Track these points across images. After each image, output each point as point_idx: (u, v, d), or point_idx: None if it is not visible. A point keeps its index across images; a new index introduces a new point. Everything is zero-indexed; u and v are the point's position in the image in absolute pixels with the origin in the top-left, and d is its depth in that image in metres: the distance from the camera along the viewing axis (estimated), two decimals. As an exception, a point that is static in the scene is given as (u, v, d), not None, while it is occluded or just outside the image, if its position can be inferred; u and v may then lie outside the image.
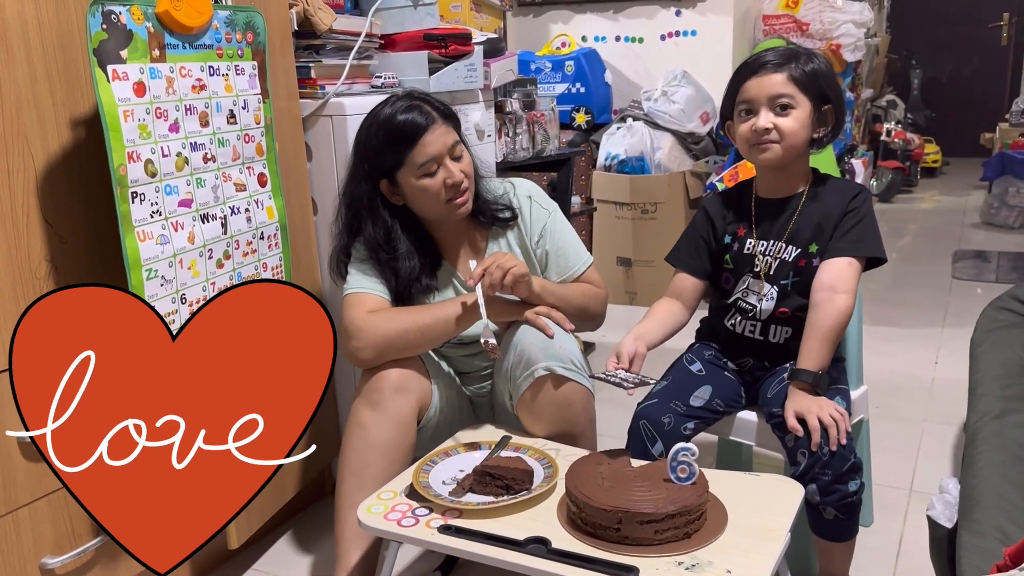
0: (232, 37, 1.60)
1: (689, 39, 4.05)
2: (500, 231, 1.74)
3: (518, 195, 1.75)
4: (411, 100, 1.62)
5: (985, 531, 1.30)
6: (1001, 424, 1.60)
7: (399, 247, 1.64)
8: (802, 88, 1.53)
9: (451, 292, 1.71)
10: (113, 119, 1.36)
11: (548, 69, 3.92)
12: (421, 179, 1.59)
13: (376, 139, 1.60)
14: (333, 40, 2.04)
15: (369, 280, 1.65)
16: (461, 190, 1.62)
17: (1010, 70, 7.32)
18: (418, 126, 1.57)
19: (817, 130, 1.58)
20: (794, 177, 1.61)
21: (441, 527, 1.30)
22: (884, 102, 6.33)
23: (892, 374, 2.80)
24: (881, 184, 5.85)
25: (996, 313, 1.99)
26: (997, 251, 4.43)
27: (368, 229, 1.65)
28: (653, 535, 1.21)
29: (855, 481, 1.43)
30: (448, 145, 1.60)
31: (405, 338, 1.59)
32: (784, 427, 1.48)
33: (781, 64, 1.53)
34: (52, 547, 1.46)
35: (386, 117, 1.59)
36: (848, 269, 1.54)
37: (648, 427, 1.55)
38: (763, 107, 1.53)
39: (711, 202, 1.71)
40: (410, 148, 1.57)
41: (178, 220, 1.50)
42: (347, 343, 1.59)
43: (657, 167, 3.68)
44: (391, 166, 1.60)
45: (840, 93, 1.60)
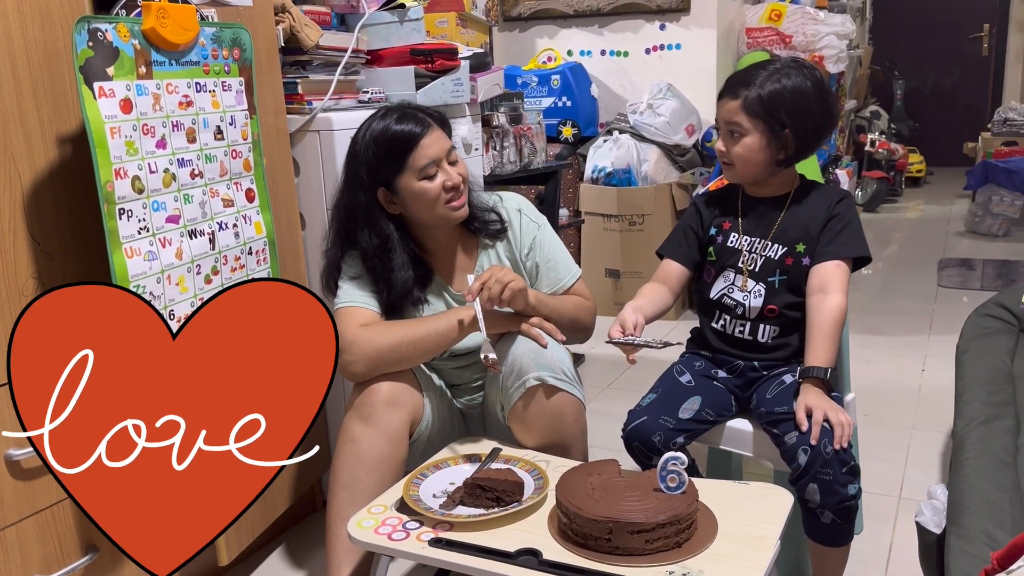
0: (219, 53, 1.61)
1: (674, 52, 4.08)
2: (489, 244, 1.75)
3: (507, 208, 1.77)
4: (404, 110, 1.64)
5: (973, 536, 1.31)
6: (988, 430, 1.61)
7: (395, 257, 1.64)
8: (753, 116, 1.56)
9: (442, 305, 1.71)
10: (100, 136, 1.36)
11: (534, 83, 3.94)
12: (420, 182, 1.60)
13: (375, 147, 1.61)
14: (320, 56, 2.05)
15: (360, 293, 1.65)
16: (459, 192, 1.64)
17: (991, 80, 7.40)
18: (416, 131, 1.60)
19: (779, 152, 1.59)
20: (779, 183, 1.66)
21: (432, 540, 1.29)
22: (868, 113, 6.39)
23: (879, 382, 2.81)
24: (866, 194, 5.89)
25: (981, 320, 2.01)
26: (982, 259, 4.47)
27: (364, 238, 1.65)
28: (644, 545, 1.21)
29: (854, 484, 1.44)
30: (446, 149, 1.63)
31: (398, 352, 1.59)
32: (782, 426, 1.49)
33: (739, 90, 1.58)
34: (40, 566, 1.45)
35: (384, 126, 1.61)
36: (837, 271, 1.58)
37: (641, 448, 1.57)
38: (722, 132, 1.62)
39: (701, 197, 1.77)
40: (410, 152, 1.59)
41: (166, 236, 1.50)
42: (339, 357, 1.58)
43: (644, 179, 3.70)
44: (391, 173, 1.61)
45: (804, 111, 1.57)
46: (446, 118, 1.69)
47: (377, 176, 1.62)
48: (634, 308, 1.62)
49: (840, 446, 1.42)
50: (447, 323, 1.61)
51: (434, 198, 1.61)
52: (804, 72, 1.58)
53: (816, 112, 1.58)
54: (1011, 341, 1.94)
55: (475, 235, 1.75)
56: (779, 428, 1.51)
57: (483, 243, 1.75)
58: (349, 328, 1.59)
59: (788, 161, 1.61)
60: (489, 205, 1.76)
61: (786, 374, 1.60)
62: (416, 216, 1.66)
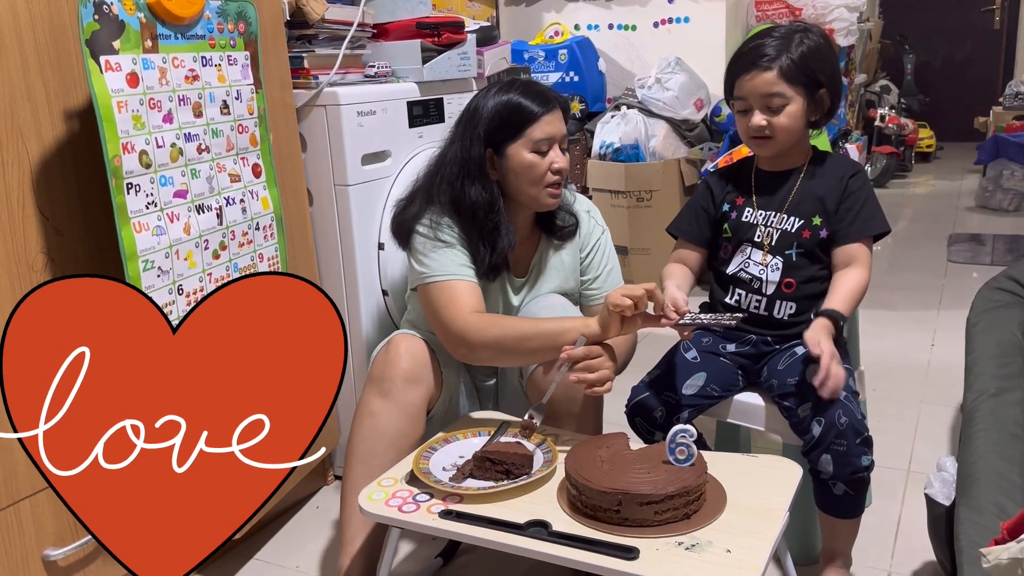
0: (224, 27, 1.60)
1: (682, 26, 4.04)
2: (560, 245, 1.76)
3: (578, 208, 1.79)
4: (533, 85, 1.65)
5: (983, 507, 1.31)
6: (998, 403, 1.61)
7: (501, 217, 1.63)
8: (793, 82, 1.54)
9: (497, 287, 1.71)
10: (107, 110, 1.36)
11: (541, 58, 3.92)
12: (532, 154, 1.60)
13: (499, 108, 1.61)
14: (325, 30, 2.03)
15: (455, 264, 1.60)
16: (560, 180, 1.64)
17: (1003, 53, 7.31)
18: (542, 104, 1.61)
19: (814, 114, 1.60)
20: (794, 154, 1.64)
21: (442, 512, 1.30)
22: (878, 87, 6.33)
23: (889, 356, 2.81)
24: (876, 169, 5.85)
25: (992, 293, 2.00)
26: (992, 234, 4.44)
27: (476, 191, 1.61)
28: (653, 516, 1.22)
29: (868, 456, 1.44)
30: (562, 133, 1.64)
31: (515, 350, 1.55)
32: (793, 399, 1.49)
33: (772, 59, 1.54)
34: (54, 539, 1.46)
35: (514, 91, 1.62)
36: (861, 251, 1.59)
37: (643, 423, 1.58)
38: (756, 107, 1.57)
39: (712, 176, 1.75)
40: (532, 122, 1.59)
41: (173, 211, 1.50)
42: (452, 341, 1.57)
43: (652, 155, 3.68)
44: (507, 136, 1.60)
45: (834, 67, 1.62)
46: (568, 106, 1.71)
47: (495, 136, 1.61)
48: (677, 287, 1.60)
49: (855, 417, 1.42)
50: (569, 325, 1.53)
51: (540, 175, 1.61)
52: (814, 31, 1.60)
53: (838, 66, 1.63)
54: (1021, 314, 1.93)
55: (539, 230, 1.75)
56: (790, 400, 1.51)
57: (554, 243, 1.75)
58: (460, 314, 1.55)
59: (819, 123, 1.62)
60: (570, 203, 1.77)
61: (798, 346, 1.59)
62: (513, 189, 1.64)
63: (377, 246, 2.06)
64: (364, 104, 1.99)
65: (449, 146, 1.67)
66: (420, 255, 1.62)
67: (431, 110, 2.21)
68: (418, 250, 1.62)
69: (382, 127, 2.05)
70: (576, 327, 1.50)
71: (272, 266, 1.76)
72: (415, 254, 1.63)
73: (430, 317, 1.60)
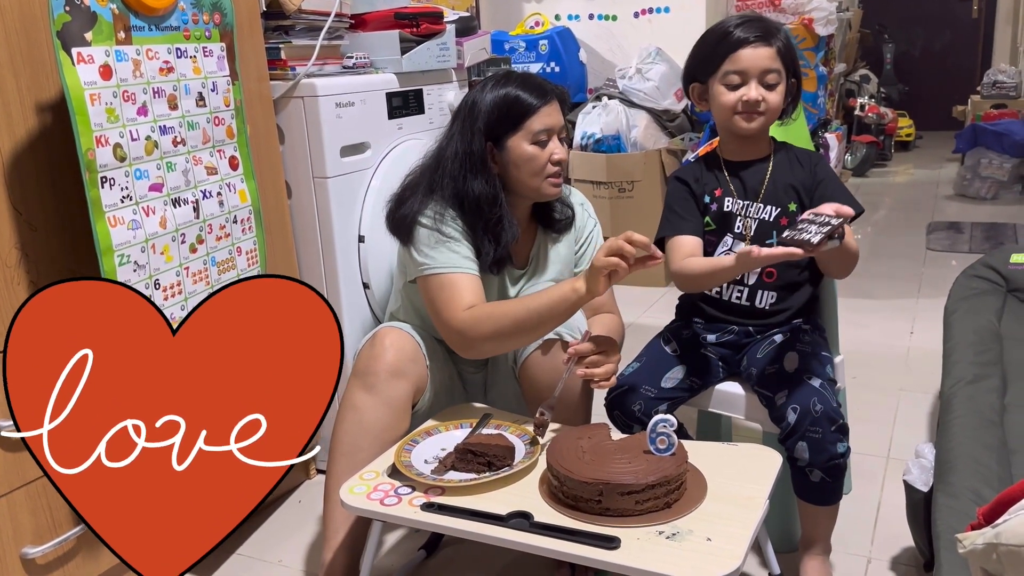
0: (199, 18, 1.58)
1: (662, 16, 4.04)
2: (557, 237, 1.76)
3: (573, 201, 1.79)
4: (530, 77, 1.65)
5: (960, 493, 1.32)
6: (975, 389, 1.62)
7: (504, 211, 1.63)
8: (785, 64, 1.59)
9: (496, 279, 1.70)
10: (79, 103, 1.34)
11: (522, 48, 3.90)
12: (532, 146, 1.60)
13: (497, 101, 1.60)
14: (302, 20, 2.01)
15: (457, 257, 1.59)
16: (561, 171, 1.65)
17: (981, 43, 7.37)
18: (540, 97, 1.61)
19: (785, 102, 1.63)
20: (759, 143, 1.66)
21: (424, 505, 1.30)
22: (857, 76, 6.36)
23: (868, 344, 2.83)
24: (855, 158, 5.88)
25: (969, 281, 2.02)
26: (970, 222, 4.48)
27: (479, 185, 1.61)
28: (634, 506, 1.22)
29: (843, 443, 1.45)
30: (561, 123, 1.64)
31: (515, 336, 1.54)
32: (771, 386, 1.51)
33: (771, 37, 1.58)
34: (32, 537, 1.45)
35: (512, 84, 1.62)
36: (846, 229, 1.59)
37: (621, 416, 1.59)
38: (754, 79, 1.57)
39: (682, 171, 1.74)
40: (531, 114, 1.59)
41: (149, 205, 1.49)
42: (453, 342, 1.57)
43: (633, 145, 3.68)
44: (506, 129, 1.60)
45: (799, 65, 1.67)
46: (567, 97, 1.70)
47: (492, 130, 1.61)
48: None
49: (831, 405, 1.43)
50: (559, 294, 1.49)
51: (541, 166, 1.61)
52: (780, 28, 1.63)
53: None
54: (998, 302, 1.95)
55: (536, 223, 1.74)
56: (768, 388, 1.52)
57: (551, 235, 1.75)
58: (455, 315, 1.54)
59: (785, 112, 1.64)
60: (566, 195, 1.77)
61: (777, 334, 1.60)
62: (514, 181, 1.64)
63: (357, 239, 2.05)
64: (342, 95, 1.98)
65: (448, 142, 1.66)
66: (423, 246, 1.60)
67: (410, 101, 2.19)
68: (421, 242, 1.60)
69: (361, 119, 2.04)
70: (565, 293, 1.48)
71: (250, 259, 1.75)
72: (418, 245, 1.61)
73: (431, 312, 1.60)
